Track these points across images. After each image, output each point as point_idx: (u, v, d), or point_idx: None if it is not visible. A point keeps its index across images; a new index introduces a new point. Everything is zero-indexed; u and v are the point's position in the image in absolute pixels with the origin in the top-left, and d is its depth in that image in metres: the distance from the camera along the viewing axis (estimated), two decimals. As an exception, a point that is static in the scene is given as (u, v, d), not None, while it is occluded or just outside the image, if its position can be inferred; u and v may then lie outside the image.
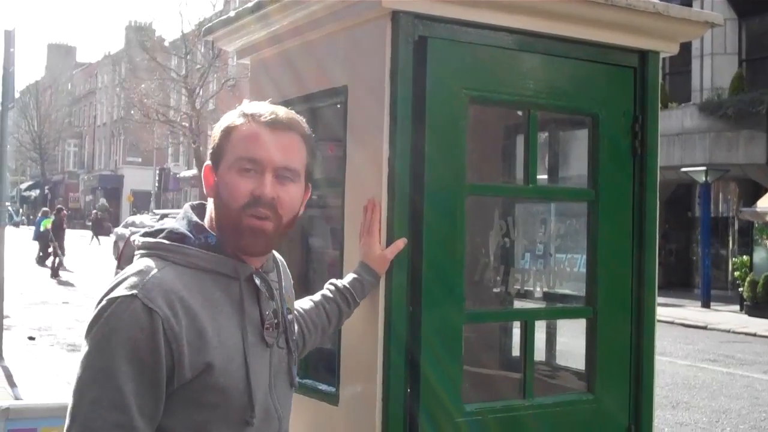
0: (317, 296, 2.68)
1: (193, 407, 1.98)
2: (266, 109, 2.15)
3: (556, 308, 3.59)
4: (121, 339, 1.89)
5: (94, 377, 1.89)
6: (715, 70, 26.22)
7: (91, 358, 1.92)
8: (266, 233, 2.07)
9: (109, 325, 1.91)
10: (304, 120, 2.21)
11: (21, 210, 79.98)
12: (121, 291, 1.94)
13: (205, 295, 2.02)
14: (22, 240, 39.47)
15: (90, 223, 52.79)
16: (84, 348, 1.95)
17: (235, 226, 2.06)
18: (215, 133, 2.16)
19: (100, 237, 46.15)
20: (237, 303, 2.08)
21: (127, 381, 1.88)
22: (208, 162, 2.17)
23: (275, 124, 2.11)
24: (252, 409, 2.04)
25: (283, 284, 2.29)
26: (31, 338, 13.69)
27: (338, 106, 3.00)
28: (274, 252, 2.28)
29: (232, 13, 3.39)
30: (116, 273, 12.92)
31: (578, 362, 3.27)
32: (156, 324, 1.91)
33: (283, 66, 3.34)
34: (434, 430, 2.71)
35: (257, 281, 2.12)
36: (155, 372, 1.91)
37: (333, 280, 2.73)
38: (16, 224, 70.07)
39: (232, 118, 2.15)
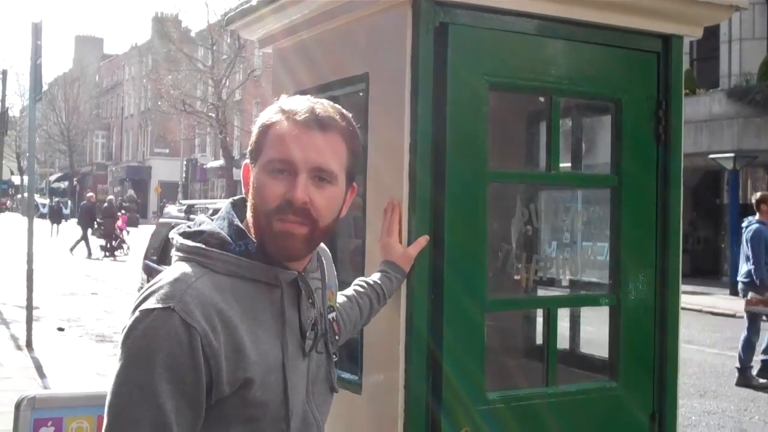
0: (349, 291, 2.65)
1: (230, 422, 1.93)
2: (303, 106, 2.03)
3: (579, 296, 3.56)
4: (160, 355, 1.81)
5: (132, 395, 1.82)
6: (744, 55, 25.97)
7: (128, 374, 1.84)
8: (299, 237, 1.98)
9: (146, 340, 1.83)
10: (349, 115, 2.11)
11: (69, 202, 74.87)
12: (158, 302, 1.86)
13: (244, 306, 1.95)
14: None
15: (47, 212, 49.20)
16: (119, 360, 1.87)
17: (267, 231, 1.97)
18: (253, 129, 2.07)
19: (58, 227, 43.97)
20: (278, 311, 2.01)
21: (167, 399, 1.80)
22: (247, 160, 2.09)
23: (311, 123, 1.99)
24: (288, 422, 1.99)
25: (326, 281, 2.23)
26: (61, 329, 13.82)
27: (360, 94, 2.99)
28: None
29: (253, 2, 3.39)
30: (143, 264, 13.02)
31: (603, 350, 3.25)
32: (195, 340, 1.83)
33: (301, 55, 3.34)
34: (456, 418, 2.70)
35: (301, 286, 2.06)
36: (195, 389, 1.84)
37: (362, 278, 2.72)
38: (65, 218, 68.03)
39: (269, 114, 2.05)
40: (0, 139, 17.64)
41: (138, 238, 33.08)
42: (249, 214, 2.05)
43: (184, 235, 2.04)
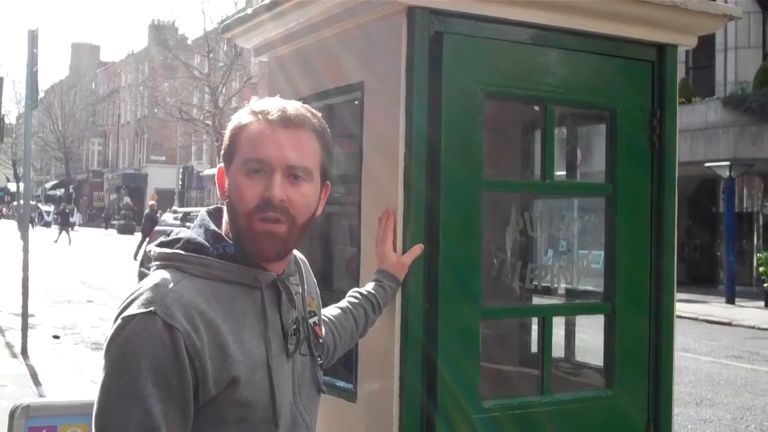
0: (344, 303, 2.66)
1: (219, 423, 1.93)
2: (275, 105, 2.05)
3: (574, 304, 3.57)
4: (144, 359, 1.82)
5: (119, 400, 1.82)
6: (739, 63, 26.05)
7: (114, 381, 1.84)
8: (279, 236, 2.00)
9: (130, 345, 1.84)
10: (319, 115, 2.13)
11: (75, 209, 72.04)
12: (139, 308, 1.87)
13: (226, 307, 1.96)
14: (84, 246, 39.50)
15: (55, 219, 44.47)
16: (103, 369, 1.87)
17: (248, 231, 1.99)
18: (226, 133, 2.09)
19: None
20: (259, 312, 2.02)
21: (154, 403, 1.81)
22: (220, 164, 2.10)
23: (284, 121, 2.02)
24: (276, 422, 1.99)
25: (305, 286, 2.24)
26: (56, 337, 13.78)
27: (355, 102, 3.00)
28: (296, 252, 2.23)
29: (249, 11, 3.39)
30: (139, 272, 13.00)
31: (598, 358, 3.26)
32: (178, 341, 1.84)
33: (299, 63, 3.34)
34: (451, 426, 2.70)
35: (280, 288, 2.07)
36: (182, 391, 1.85)
37: (357, 288, 2.72)
38: (71, 225, 66.03)
39: (240, 116, 2.07)
40: (-4, 146, 17.62)
41: (133, 246, 33.05)
42: (226, 218, 2.07)
43: (161, 244, 2.06)
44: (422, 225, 2.73)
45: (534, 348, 3.68)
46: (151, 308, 1.86)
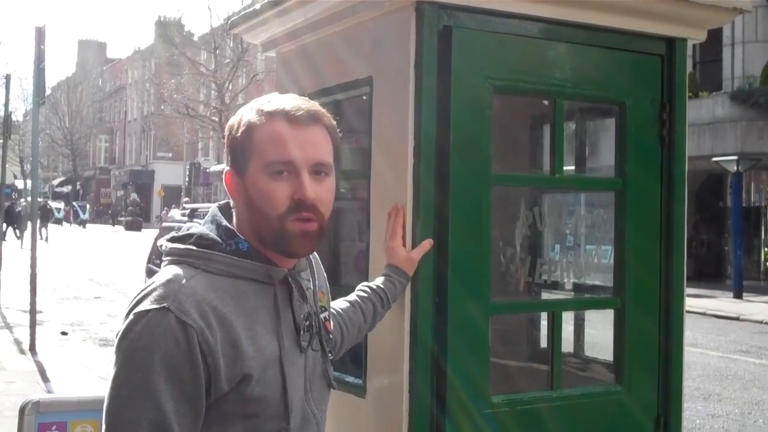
0: (352, 296, 2.65)
1: (230, 419, 1.93)
2: (286, 104, 2.03)
3: (584, 299, 3.56)
4: (158, 355, 1.81)
5: (131, 396, 1.81)
6: (747, 58, 25.97)
7: (126, 376, 1.83)
8: (313, 234, 2.00)
9: (142, 341, 1.83)
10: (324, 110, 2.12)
11: (87, 206, 72.17)
12: (152, 304, 1.86)
13: (239, 303, 1.95)
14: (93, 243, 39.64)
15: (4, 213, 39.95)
16: (115, 365, 1.86)
17: (281, 233, 1.98)
18: (231, 133, 2.05)
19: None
20: (272, 308, 2.02)
21: (167, 399, 1.80)
22: (227, 168, 2.07)
23: (299, 120, 2.00)
24: (287, 418, 1.99)
25: (317, 282, 2.24)
26: (64, 333, 13.82)
27: (363, 97, 2.99)
28: None
29: (256, 6, 3.39)
30: (146, 268, 13.00)
31: (607, 353, 3.25)
32: (191, 338, 1.83)
33: (305, 59, 3.33)
34: (460, 422, 2.69)
35: (291, 283, 2.07)
36: (194, 388, 1.84)
37: (366, 283, 2.72)
38: (82, 223, 64.85)
39: (249, 116, 2.03)
40: (4, 143, 17.62)
41: (141, 242, 33.11)
42: (244, 218, 2.05)
43: (173, 239, 2.05)
44: (430, 221, 2.72)
45: (543, 343, 3.67)
46: (165, 304, 1.85)
